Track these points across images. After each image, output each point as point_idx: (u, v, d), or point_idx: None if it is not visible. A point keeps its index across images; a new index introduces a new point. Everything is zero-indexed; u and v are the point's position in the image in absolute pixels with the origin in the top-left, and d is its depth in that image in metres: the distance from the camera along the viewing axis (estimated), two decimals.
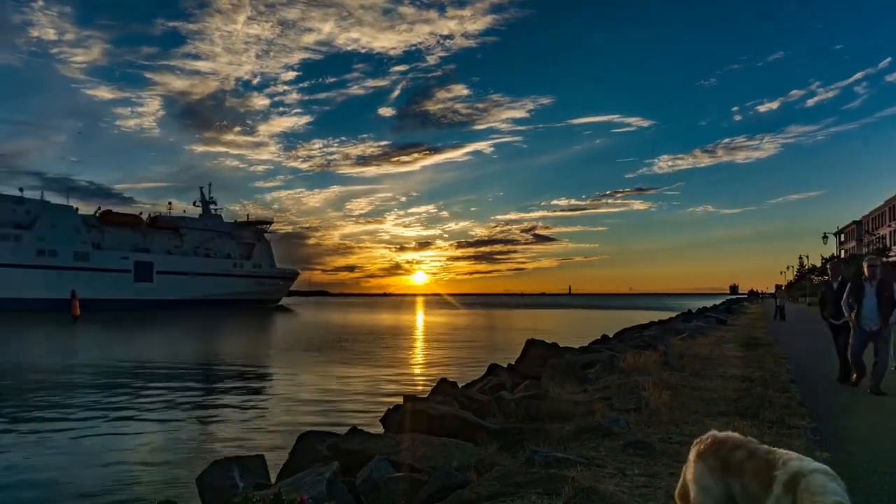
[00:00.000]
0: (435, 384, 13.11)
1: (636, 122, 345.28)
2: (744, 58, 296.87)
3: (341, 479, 5.73)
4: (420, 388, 20.26)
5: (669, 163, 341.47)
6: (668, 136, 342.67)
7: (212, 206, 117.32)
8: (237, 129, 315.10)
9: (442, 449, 6.52)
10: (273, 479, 6.65)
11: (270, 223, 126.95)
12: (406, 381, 22.28)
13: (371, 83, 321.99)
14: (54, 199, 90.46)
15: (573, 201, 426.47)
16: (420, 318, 78.62)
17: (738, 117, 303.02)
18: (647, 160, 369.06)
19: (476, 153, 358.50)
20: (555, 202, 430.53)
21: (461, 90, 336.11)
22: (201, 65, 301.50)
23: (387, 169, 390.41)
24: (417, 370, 25.97)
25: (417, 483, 5.37)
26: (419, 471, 5.85)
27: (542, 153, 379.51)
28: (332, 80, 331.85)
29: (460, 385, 13.32)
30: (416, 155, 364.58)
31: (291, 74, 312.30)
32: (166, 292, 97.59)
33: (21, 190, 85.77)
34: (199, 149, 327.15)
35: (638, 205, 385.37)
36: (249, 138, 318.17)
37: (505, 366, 16.63)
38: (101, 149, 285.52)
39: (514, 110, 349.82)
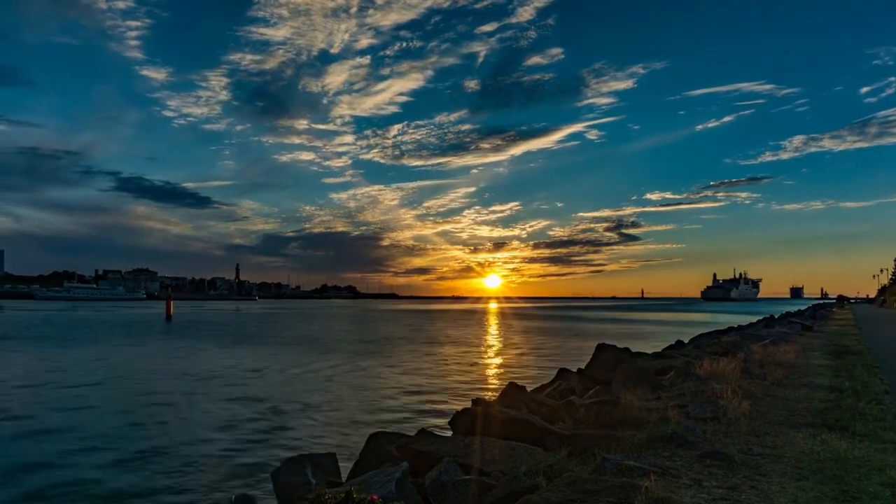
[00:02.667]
0: (503, 388, 13.06)
1: (770, 90, 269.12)
2: None
3: (410, 479, 5.79)
4: (488, 391, 20.22)
5: (800, 144, 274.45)
6: (813, 111, 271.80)
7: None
8: (310, 114, 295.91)
9: (511, 453, 6.48)
10: (344, 478, 6.80)
11: None
12: (474, 384, 22.28)
13: (453, 51, 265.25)
14: (128, 200, 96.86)
15: (668, 195, 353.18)
16: (483, 325, 78.41)
17: None
18: (774, 142, 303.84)
19: (567, 138, 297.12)
20: (648, 196, 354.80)
21: (557, 54, 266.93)
22: (271, 33, 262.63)
23: (468, 160, 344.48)
24: (485, 373, 25.93)
25: (486, 487, 5.35)
26: (487, 474, 5.83)
27: (643, 136, 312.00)
28: (406, 45, 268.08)
29: (529, 389, 13.21)
30: (499, 142, 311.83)
31: (366, 41, 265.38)
32: None
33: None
34: (270, 140, 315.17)
35: (743, 197, 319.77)
36: (323, 126, 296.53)
37: (574, 370, 16.37)
38: (165, 142, 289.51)
39: (619, 81, 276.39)
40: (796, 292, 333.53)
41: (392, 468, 5.75)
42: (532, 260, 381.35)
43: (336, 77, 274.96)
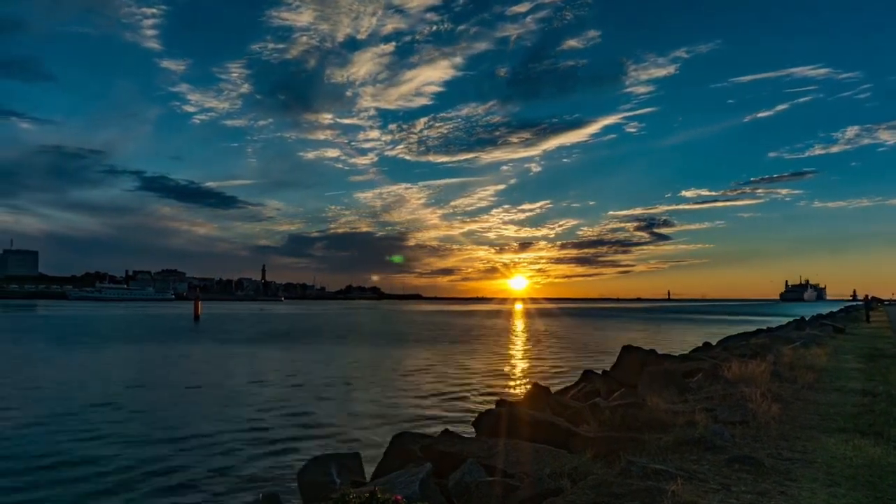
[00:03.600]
0: (528, 389, 13.01)
1: (826, 75, 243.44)
2: None
3: (434, 480, 5.79)
4: (512, 392, 20.16)
5: (853, 135, 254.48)
6: (875, 98, 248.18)
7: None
8: (335, 107, 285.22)
9: (535, 455, 6.44)
10: (368, 477, 6.83)
11: None
12: (498, 385, 22.23)
13: (485, 34, 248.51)
14: (153, 199, 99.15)
15: (704, 192, 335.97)
16: (508, 326, 78.15)
17: None
18: (825, 133, 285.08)
19: (603, 131, 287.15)
20: (683, 193, 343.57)
21: (594, 36, 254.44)
22: (294, 18, 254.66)
23: (497, 155, 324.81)
24: (509, 374, 25.84)
25: (510, 488, 5.34)
26: (511, 476, 5.81)
27: (683, 128, 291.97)
28: (435, 28, 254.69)
29: (553, 391, 13.14)
30: (529, 135, 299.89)
31: (393, 26, 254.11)
32: None
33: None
34: (293, 135, 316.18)
35: (784, 194, 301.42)
36: (348, 120, 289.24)
37: (599, 372, 16.23)
38: (187, 139, 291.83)
39: (660, 67, 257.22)
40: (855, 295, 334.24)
41: (416, 468, 5.76)
42: (558, 260, 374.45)
43: (362, 66, 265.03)
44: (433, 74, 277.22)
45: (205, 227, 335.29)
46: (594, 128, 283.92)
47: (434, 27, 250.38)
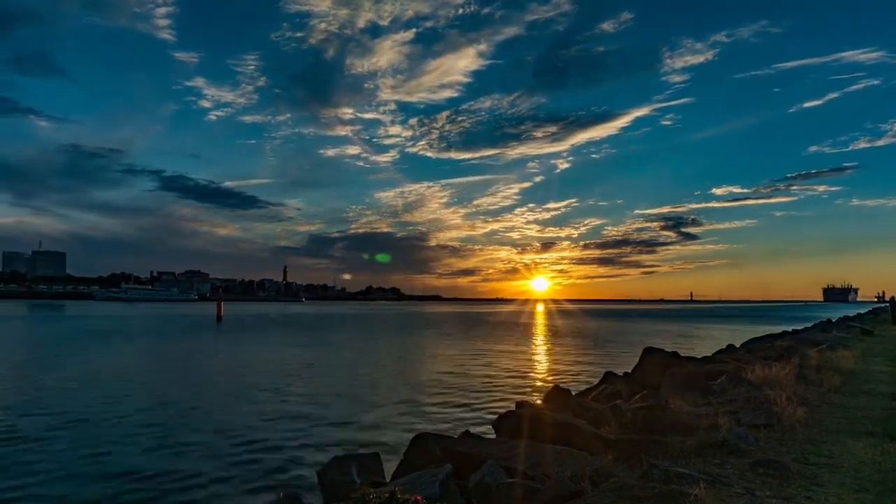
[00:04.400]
0: (548, 391, 12.95)
1: (879, 59, 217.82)
2: None
3: (454, 481, 5.79)
4: (532, 394, 20.09)
5: None
6: None
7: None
8: (355, 100, 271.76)
9: (556, 457, 6.42)
10: (388, 478, 6.86)
11: None
12: (518, 387, 22.16)
13: (512, 17, 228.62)
14: (173, 200, 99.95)
15: (735, 189, 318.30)
16: (527, 327, 77.85)
17: None
18: (873, 125, 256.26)
19: (633, 125, 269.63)
20: (713, 191, 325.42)
21: (627, 19, 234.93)
22: (312, 3, 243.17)
23: (522, 151, 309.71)
24: (529, 375, 25.74)
25: (530, 490, 5.32)
26: (532, 478, 5.79)
27: (719, 121, 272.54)
28: (461, 11, 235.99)
29: (574, 392, 13.07)
30: (556, 129, 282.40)
31: (416, 8, 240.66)
32: None
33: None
34: (312, 131, 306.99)
35: (820, 191, 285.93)
36: (368, 115, 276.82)
37: (620, 374, 16.11)
38: (203, 136, 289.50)
39: (697, 54, 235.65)
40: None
41: (436, 469, 5.77)
42: (581, 261, 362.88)
43: (383, 55, 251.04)
44: (457, 64, 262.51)
45: (226, 228, 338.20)
46: (624, 120, 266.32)
47: (459, 10, 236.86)
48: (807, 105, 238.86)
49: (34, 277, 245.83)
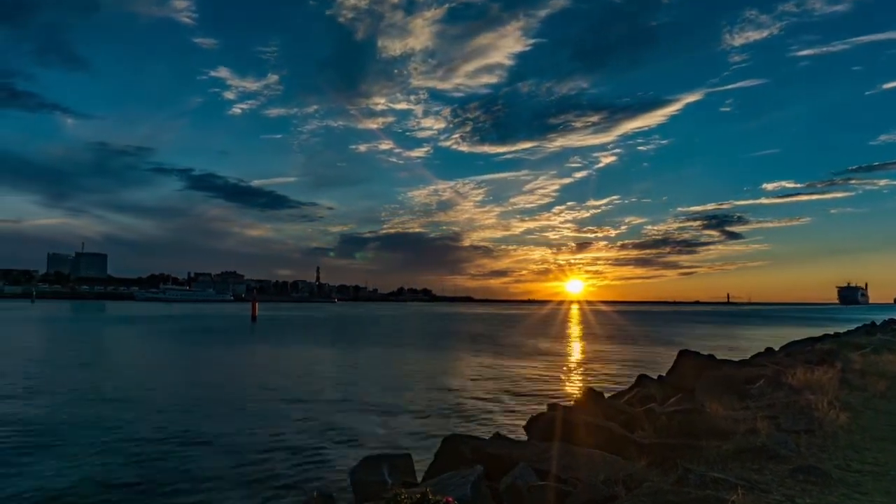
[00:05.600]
0: (580, 393, 12.82)
1: None
2: None
3: (485, 483, 5.77)
4: (564, 396, 19.91)
5: None
6: None
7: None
8: (386, 89, 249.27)
9: (588, 460, 6.34)
10: (419, 478, 6.87)
11: None
12: (549, 389, 21.99)
13: None
14: (202, 199, 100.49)
15: (788, 184, 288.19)
16: (561, 328, 77.25)
17: None
18: None
19: (683, 112, 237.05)
20: (764, 186, 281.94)
21: None
22: None
23: (562, 143, 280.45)
24: (561, 378, 25.53)
25: (563, 494, 5.27)
26: (564, 481, 5.73)
27: (779, 106, 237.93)
28: None
29: (607, 395, 12.90)
30: (597, 119, 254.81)
31: None
32: None
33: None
34: (341, 124, 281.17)
35: (881, 185, 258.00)
36: (401, 105, 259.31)
37: (654, 377, 15.86)
38: (228, 130, 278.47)
39: (760, 28, 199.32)
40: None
41: (467, 471, 5.76)
42: (617, 262, 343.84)
43: (418, 36, 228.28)
44: (496, 46, 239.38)
45: (257, 229, 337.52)
46: (674, 107, 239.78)
47: None
48: (887, 86, 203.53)
49: (77, 278, 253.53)
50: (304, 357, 32.82)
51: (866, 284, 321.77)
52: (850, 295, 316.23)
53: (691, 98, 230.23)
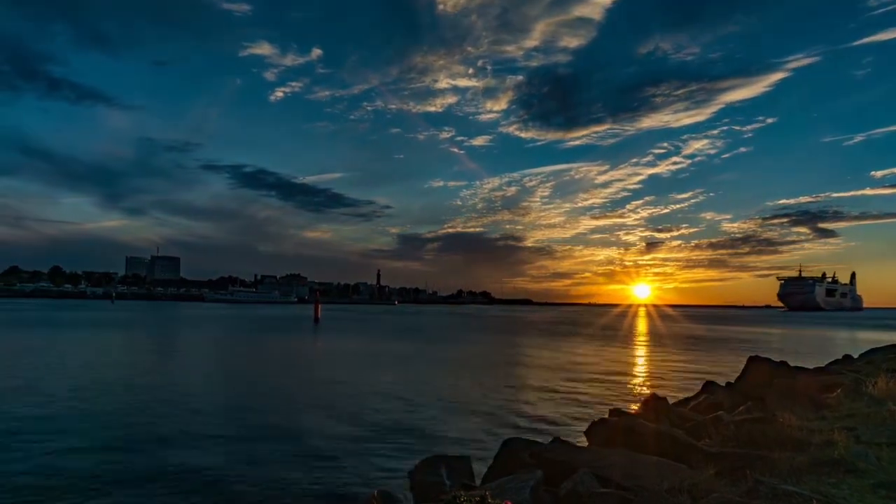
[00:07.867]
0: (644, 398, 12.50)
1: None
2: None
3: (544, 488, 5.70)
4: (627, 401, 19.46)
5: None
6: None
7: None
8: (447, 60, 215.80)
9: (652, 468, 6.18)
10: (477, 481, 6.86)
11: None
12: (612, 394, 21.54)
13: None
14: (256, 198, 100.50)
15: None
16: (625, 333, 75.56)
17: None
18: None
19: (791, 79, 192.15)
20: (873, 174, 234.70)
21: None
22: None
23: (646, 123, 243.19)
24: (624, 382, 24.96)
25: (625, 502, 5.15)
26: (627, 489, 5.60)
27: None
28: None
29: (671, 401, 12.54)
30: (682, 91, 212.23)
31: None
32: None
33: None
34: (394, 106, 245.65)
35: None
36: (462, 82, 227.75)
37: (723, 384, 15.31)
38: (271, 119, 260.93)
39: None
40: None
41: (527, 475, 5.71)
42: (688, 263, 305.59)
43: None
44: (565, 8, 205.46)
45: (316, 231, 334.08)
46: (778, 75, 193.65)
47: None
48: None
49: (152, 280, 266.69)
50: (364, 357, 33.36)
51: None
52: None
53: (804, 62, 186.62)
